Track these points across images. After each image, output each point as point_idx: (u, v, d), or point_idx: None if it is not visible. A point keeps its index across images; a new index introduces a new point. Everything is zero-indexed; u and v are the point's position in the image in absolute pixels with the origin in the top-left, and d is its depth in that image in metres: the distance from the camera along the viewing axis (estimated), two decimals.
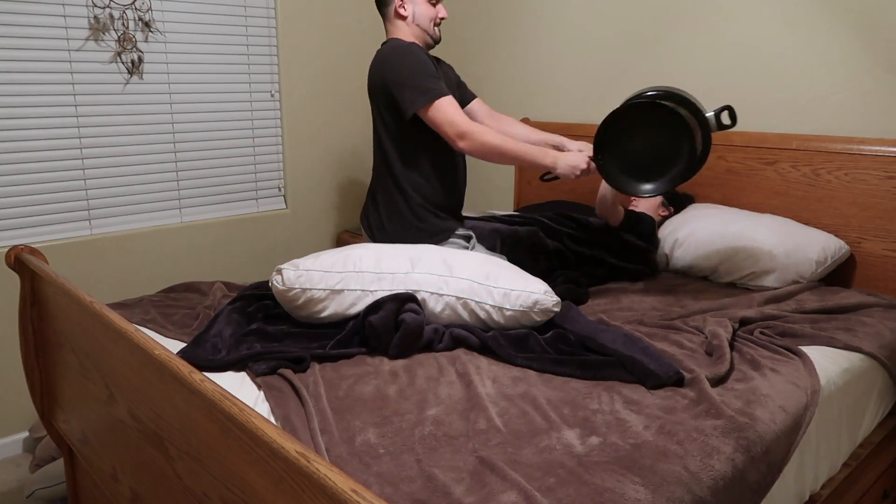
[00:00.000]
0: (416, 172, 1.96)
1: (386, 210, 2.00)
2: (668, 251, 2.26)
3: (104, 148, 2.49)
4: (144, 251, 2.62)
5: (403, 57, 1.87)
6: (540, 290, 1.60)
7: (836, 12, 2.12)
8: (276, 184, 3.01)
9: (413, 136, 1.94)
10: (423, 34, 1.99)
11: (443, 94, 1.85)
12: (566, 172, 1.90)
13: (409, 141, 1.95)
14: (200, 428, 1.00)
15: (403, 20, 1.97)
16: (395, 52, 1.89)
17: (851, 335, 1.69)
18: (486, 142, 1.86)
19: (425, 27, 1.98)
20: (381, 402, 1.31)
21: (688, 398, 1.34)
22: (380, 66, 1.91)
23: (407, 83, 1.85)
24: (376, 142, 2.01)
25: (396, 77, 1.86)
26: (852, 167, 2.09)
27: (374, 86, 1.94)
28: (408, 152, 1.96)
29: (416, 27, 1.97)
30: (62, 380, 1.63)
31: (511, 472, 1.06)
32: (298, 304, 1.60)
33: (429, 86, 1.85)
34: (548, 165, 1.90)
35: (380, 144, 1.99)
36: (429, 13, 1.98)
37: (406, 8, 1.95)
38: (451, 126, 1.85)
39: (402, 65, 1.86)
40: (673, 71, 2.54)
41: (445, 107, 1.85)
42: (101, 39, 2.43)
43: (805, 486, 1.47)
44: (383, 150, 1.98)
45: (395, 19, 1.97)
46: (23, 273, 1.67)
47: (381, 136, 1.98)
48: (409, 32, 1.98)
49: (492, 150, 1.87)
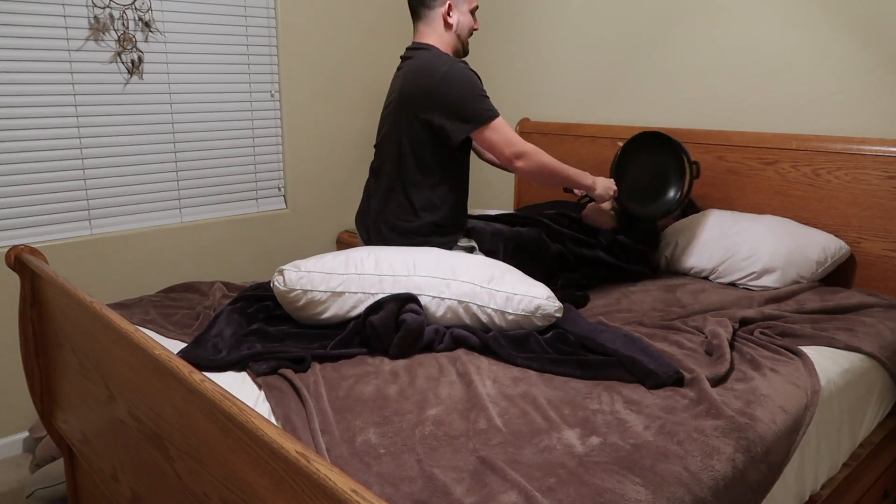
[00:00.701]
0: (434, 192, 1.92)
1: (391, 223, 1.95)
2: (669, 252, 2.26)
3: (104, 148, 2.49)
4: (144, 251, 2.62)
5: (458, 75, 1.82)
6: (542, 295, 1.60)
7: (836, 12, 2.12)
8: (276, 184, 3.01)
9: (443, 155, 1.90)
10: (459, 44, 1.98)
11: (498, 114, 1.85)
12: (603, 194, 2.05)
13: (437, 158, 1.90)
14: (200, 428, 1.00)
15: (449, 28, 1.94)
16: (451, 70, 1.83)
17: (852, 335, 1.69)
18: (542, 163, 1.88)
19: (464, 38, 1.98)
20: (382, 402, 1.31)
21: (688, 398, 1.34)
22: (426, 79, 1.84)
23: (462, 104, 1.82)
24: (393, 153, 1.93)
25: (451, 97, 1.81)
26: (852, 167, 2.09)
27: (413, 98, 1.86)
28: (431, 168, 1.91)
29: (456, 37, 1.96)
30: (62, 380, 1.63)
31: (511, 472, 1.06)
32: (299, 306, 1.60)
33: (485, 106, 1.83)
34: (589, 186, 2.02)
35: (399, 157, 1.92)
36: (469, 24, 1.97)
37: (453, 16, 1.93)
38: (508, 146, 1.84)
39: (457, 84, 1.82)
40: (673, 71, 2.54)
41: (503, 126, 1.84)
42: (101, 39, 2.43)
43: (805, 486, 1.47)
44: (402, 163, 1.91)
45: (437, 25, 1.93)
46: (23, 273, 1.67)
47: (403, 148, 1.91)
48: (447, 40, 1.95)
49: (545, 171, 1.89)
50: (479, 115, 1.83)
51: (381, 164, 1.99)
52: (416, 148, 1.90)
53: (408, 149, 1.90)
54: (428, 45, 1.93)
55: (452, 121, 1.83)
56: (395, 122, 1.92)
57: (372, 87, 3.23)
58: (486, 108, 1.83)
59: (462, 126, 1.83)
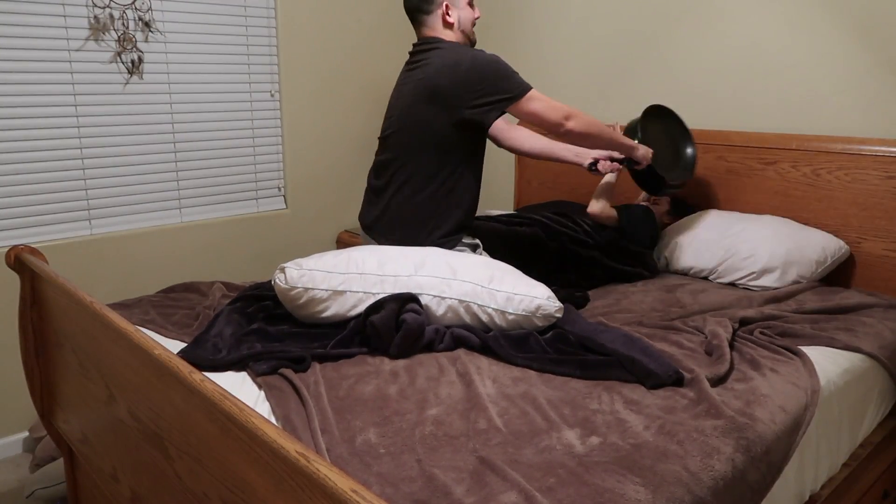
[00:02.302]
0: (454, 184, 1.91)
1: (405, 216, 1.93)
2: (669, 252, 2.26)
3: (104, 148, 2.49)
4: (144, 251, 2.62)
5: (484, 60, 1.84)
6: (543, 295, 1.60)
7: (836, 12, 2.12)
8: (276, 184, 3.01)
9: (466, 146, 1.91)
10: (465, 37, 1.98)
11: (531, 86, 1.86)
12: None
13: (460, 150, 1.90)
14: (200, 428, 1.00)
15: (451, 27, 1.95)
16: (476, 56, 1.84)
17: (851, 335, 1.69)
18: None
19: (468, 31, 1.98)
20: (382, 401, 1.31)
21: (688, 398, 1.34)
22: (456, 70, 1.82)
23: (499, 84, 1.83)
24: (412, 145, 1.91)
25: (486, 82, 1.82)
26: (852, 167, 2.08)
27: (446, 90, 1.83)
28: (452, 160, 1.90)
29: (461, 32, 1.97)
30: (62, 380, 1.63)
31: (511, 472, 1.06)
32: (300, 304, 1.60)
33: (519, 80, 1.85)
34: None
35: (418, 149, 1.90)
36: (470, 16, 1.98)
37: (452, 14, 1.93)
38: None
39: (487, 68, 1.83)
40: (673, 70, 2.54)
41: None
42: (101, 39, 2.43)
43: (805, 486, 1.47)
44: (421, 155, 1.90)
45: (439, 26, 1.94)
46: (23, 273, 1.67)
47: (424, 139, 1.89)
48: (453, 38, 1.96)
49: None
50: (517, 89, 1.84)
51: (394, 154, 1.95)
52: (439, 139, 1.88)
53: (430, 140, 1.88)
54: (440, 39, 1.93)
55: (491, 104, 1.84)
56: (415, 112, 1.89)
57: (372, 88, 3.23)
58: (520, 83, 1.85)
59: (501, 103, 1.84)
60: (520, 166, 3.12)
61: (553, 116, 1.85)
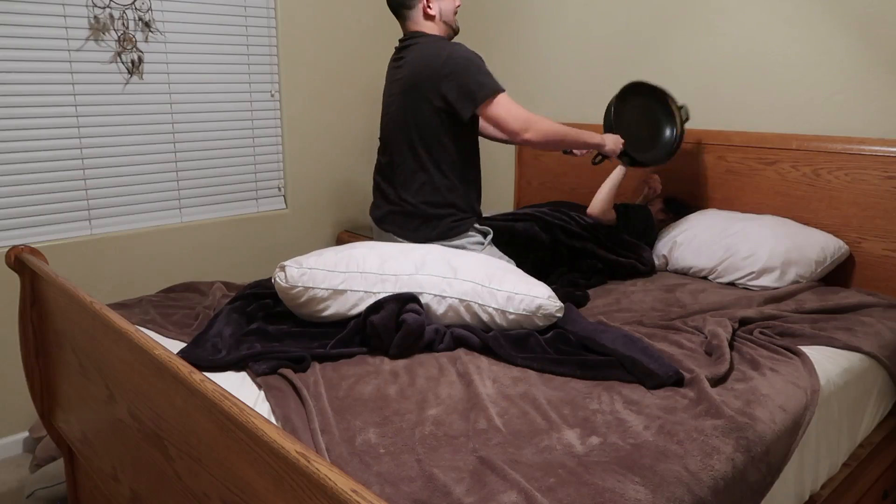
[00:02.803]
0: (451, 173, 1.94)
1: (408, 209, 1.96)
2: (668, 251, 2.26)
3: (104, 148, 2.49)
4: (144, 251, 2.63)
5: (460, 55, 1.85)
6: (543, 295, 1.60)
7: (836, 12, 2.12)
8: (276, 184, 3.01)
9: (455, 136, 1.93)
10: (448, 28, 2.00)
11: (502, 90, 1.86)
12: (614, 147, 2.10)
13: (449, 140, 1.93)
14: (200, 428, 1.00)
15: (433, 19, 1.96)
16: (454, 51, 1.86)
17: (851, 335, 1.69)
18: (550, 130, 1.89)
19: (450, 21, 1.99)
20: (382, 401, 1.31)
21: (688, 398, 1.34)
22: (432, 61, 1.86)
23: (467, 81, 1.84)
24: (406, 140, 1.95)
25: (456, 76, 1.84)
26: (852, 167, 2.09)
27: (422, 81, 1.88)
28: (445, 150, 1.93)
29: (443, 23, 1.98)
30: (62, 380, 1.63)
31: (511, 472, 1.06)
32: (300, 303, 1.60)
33: (488, 82, 1.85)
34: (599, 143, 2.06)
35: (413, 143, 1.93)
36: (451, 6, 1.99)
37: (433, 7, 1.95)
38: (515, 119, 1.85)
39: (461, 63, 1.84)
40: (673, 70, 2.54)
41: (506, 101, 1.86)
42: (101, 39, 2.43)
43: (805, 486, 1.47)
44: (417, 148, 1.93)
45: (421, 19, 1.96)
46: (23, 273, 1.67)
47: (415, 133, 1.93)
48: (436, 30, 1.98)
49: (554, 138, 1.90)
50: (483, 90, 1.84)
51: (394, 153, 2.00)
52: (428, 131, 1.92)
53: (420, 133, 1.92)
54: (423, 33, 1.96)
55: (460, 99, 1.86)
56: (403, 109, 1.94)
57: (371, 87, 3.23)
58: (491, 84, 1.86)
59: (468, 103, 1.85)
60: (520, 166, 3.12)
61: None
